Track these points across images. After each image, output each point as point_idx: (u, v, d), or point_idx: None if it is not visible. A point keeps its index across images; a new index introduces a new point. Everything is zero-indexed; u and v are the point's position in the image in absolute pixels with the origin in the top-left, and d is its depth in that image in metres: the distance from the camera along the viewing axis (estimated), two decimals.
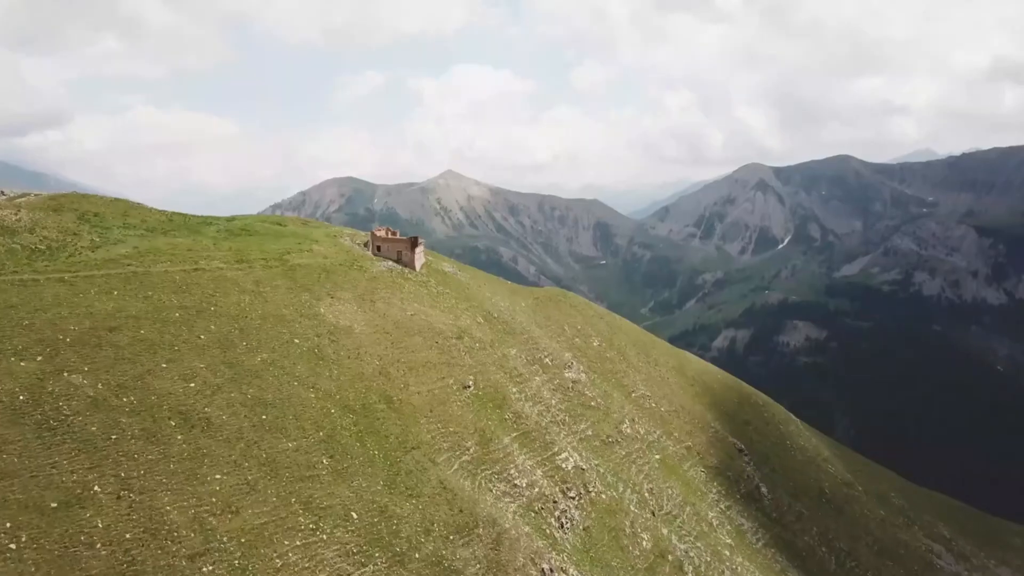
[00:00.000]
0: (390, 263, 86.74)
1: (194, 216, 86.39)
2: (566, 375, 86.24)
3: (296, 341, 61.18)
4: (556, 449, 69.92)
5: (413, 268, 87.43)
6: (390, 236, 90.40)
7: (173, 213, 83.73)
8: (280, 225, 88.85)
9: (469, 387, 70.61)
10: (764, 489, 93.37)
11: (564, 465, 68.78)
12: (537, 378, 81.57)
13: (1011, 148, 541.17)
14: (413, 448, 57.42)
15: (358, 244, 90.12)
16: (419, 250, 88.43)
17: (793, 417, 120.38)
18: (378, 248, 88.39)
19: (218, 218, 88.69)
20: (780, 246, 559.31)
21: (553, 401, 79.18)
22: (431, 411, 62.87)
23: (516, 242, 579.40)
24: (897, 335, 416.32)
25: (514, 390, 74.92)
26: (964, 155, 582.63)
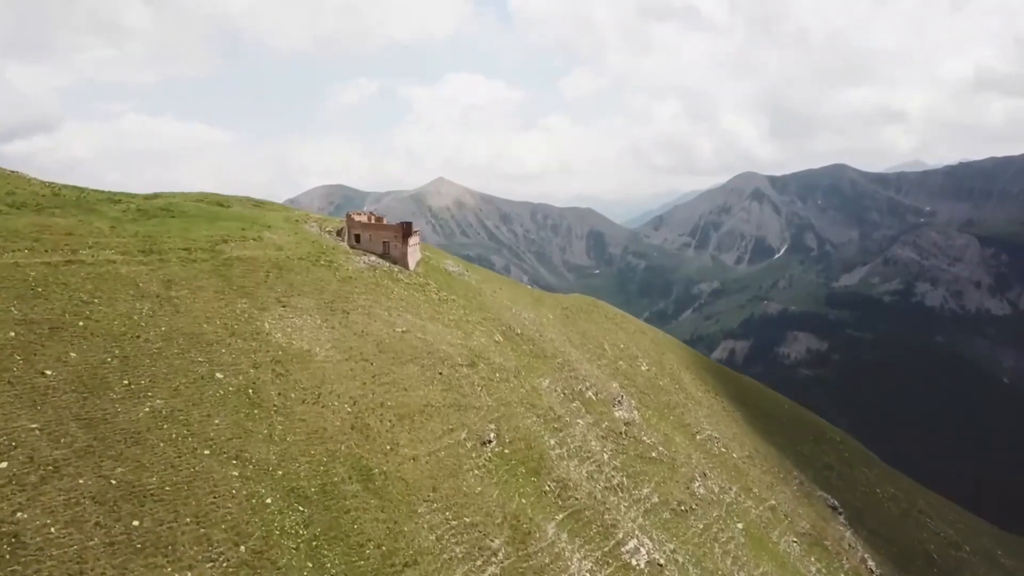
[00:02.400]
0: (373, 258, 61.49)
1: (97, 191, 59.80)
2: (616, 414, 60.82)
3: (219, 376, 37.23)
4: (620, 535, 44.61)
5: (405, 266, 62.05)
6: (373, 222, 64.57)
7: (63, 185, 57.09)
8: (221, 205, 63.10)
9: (490, 443, 45.54)
10: (872, 563, 67.99)
11: (635, 561, 43.94)
12: (581, 421, 56.32)
13: (1008, 158, 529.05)
14: (407, 566, 32.74)
15: (329, 232, 64.41)
16: (413, 242, 62.90)
17: (872, 454, 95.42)
18: (357, 238, 62.90)
19: (133, 195, 62.11)
20: (777, 256, 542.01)
21: (605, 455, 54.06)
22: (435, 490, 38.20)
23: (508, 251, 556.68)
24: (900, 346, 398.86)
25: (552, 443, 49.85)
26: (961, 164, 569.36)
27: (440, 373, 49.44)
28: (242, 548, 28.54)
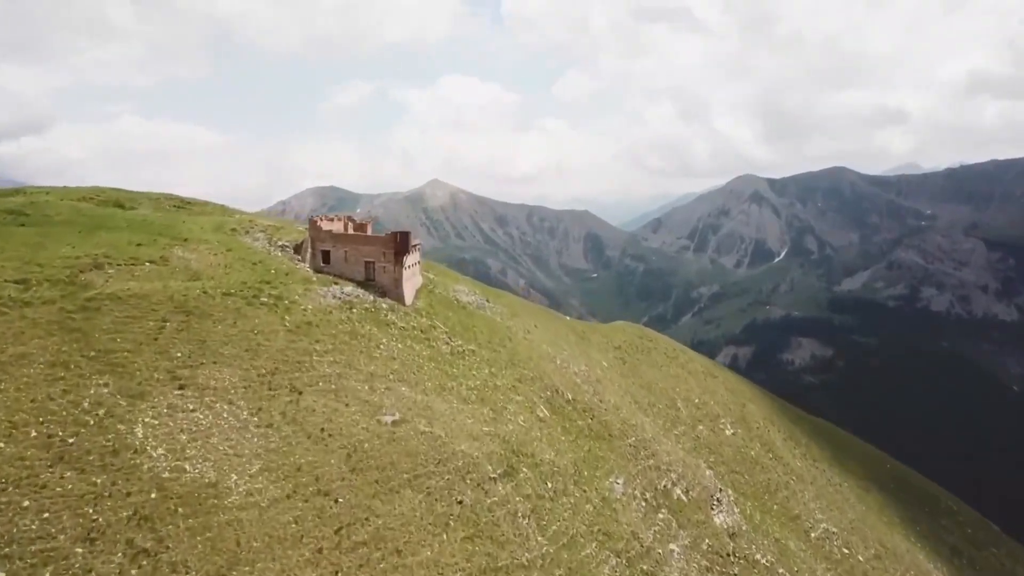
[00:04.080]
0: (350, 288, 39.03)
1: None
2: (716, 521, 38.37)
3: None
4: None
5: (400, 300, 39.35)
6: (351, 231, 41.38)
7: None
8: (119, 207, 39.64)
9: None
10: None
11: None
12: (675, 547, 33.84)
13: (1009, 160, 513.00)
14: None
15: (283, 247, 41.20)
16: (411, 261, 40.20)
17: (991, 524, 73.24)
18: (325, 256, 40.12)
19: None
20: (777, 259, 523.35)
21: None
22: None
23: (504, 254, 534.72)
24: (906, 352, 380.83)
25: None
26: (961, 167, 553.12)
27: (459, 502, 27.07)
28: None
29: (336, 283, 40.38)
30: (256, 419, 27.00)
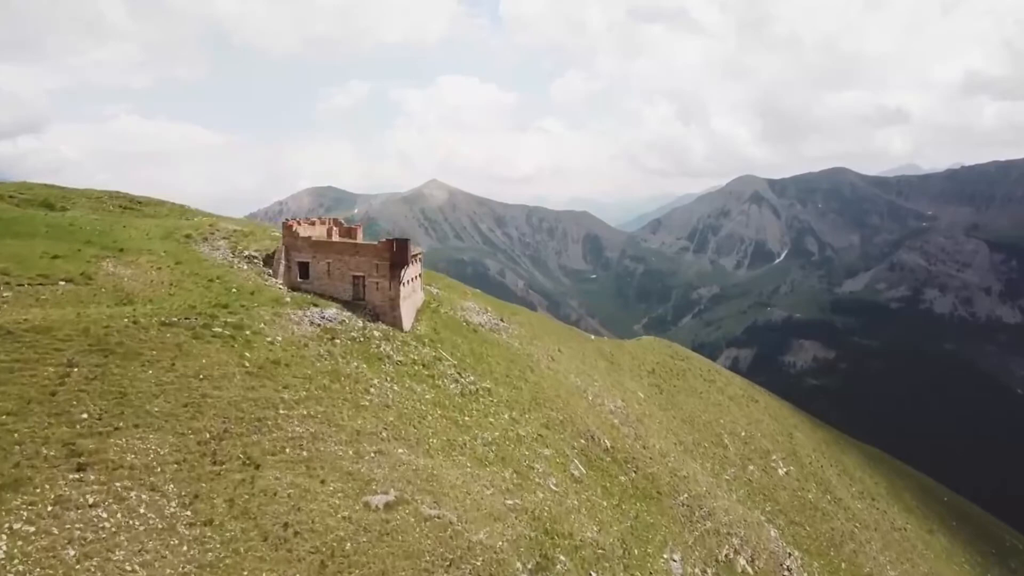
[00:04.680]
0: (333, 310, 29.92)
1: None
2: None
3: None
4: None
5: (397, 324, 30.17)
6: (336, 237, 32.16)
7: None
8: (49, 208, 30.38)
9: None
10: None
11: None
12: None
13: (1010, 161, 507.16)
14: None
15: (251, 258, 31.91)
16: (411, 274, 30.90)
17: None
18: (303, 269, 30.84)
19: None
20: (777, 260, 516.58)
21: None
22: None
23: (503, 255, 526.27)
24: (908, 355, 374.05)
25: None
26: (962, 168, 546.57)
27: None
28: None
29: (316, 304, 31.71)
30: (189, 514, 18.42)
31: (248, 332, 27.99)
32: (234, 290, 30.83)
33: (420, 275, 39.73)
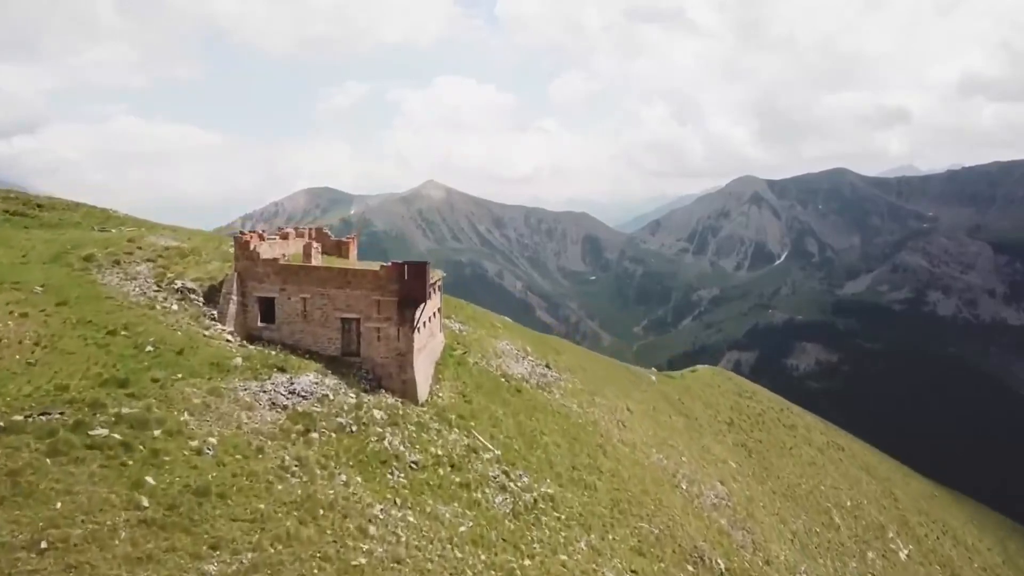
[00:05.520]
0: (308, 379, 17.09)
1: None
2: None
3: None
4: None
5: (411, 395, 16.49)
6: (313, 260, 18.32)
7: None
8: None
9: None
10: None
11: None
12: None
13: (1012, 162, 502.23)
14: None
15: (181, 290, 18.14)
16: (428, 310, 17.38)
17: None
18: (265, 309, 17.40)
19: None
20: (777, 262, 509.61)
21: None
22: None
23: (502, 256, 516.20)
24: (912, 358, 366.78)
25: None
26: (963, 169, 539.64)
27: None
28: None
29: (282, 368, 19.52)
30: None
31: (157, 435, 15.55)
32: (148, 350, 18.51)
33: (439, 310, 27.15)
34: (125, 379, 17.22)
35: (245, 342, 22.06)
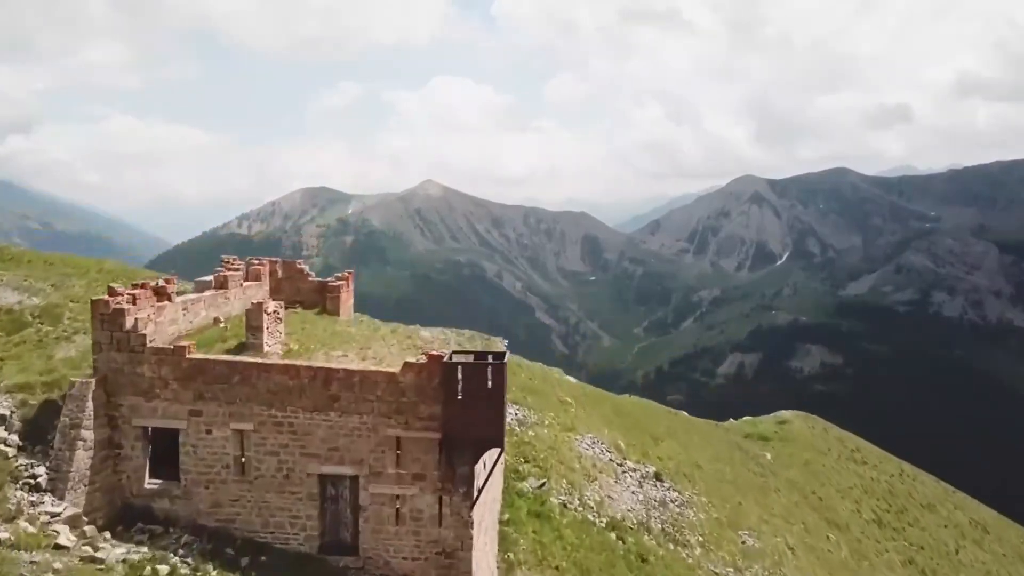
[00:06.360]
0: None
1: None
2: None
3: None
4: None
5: None
6: (265, 331, 9.50)
7: None
8: None
9: None
10: None
11: None
12: None
13: (1014, 161, 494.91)
14: None
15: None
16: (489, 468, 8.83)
17: None
18: (159, 454, 13.22)
19: None
20: (779, 262, 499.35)
21: None
22: None
23: (500, 256, 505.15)
24: (917, 360, 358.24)
25: None
26: (965, 168, 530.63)
27: None
28: None
29: None
30: None
31: None
32: None
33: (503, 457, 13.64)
34: None
35: (107, 537, 9.96)
